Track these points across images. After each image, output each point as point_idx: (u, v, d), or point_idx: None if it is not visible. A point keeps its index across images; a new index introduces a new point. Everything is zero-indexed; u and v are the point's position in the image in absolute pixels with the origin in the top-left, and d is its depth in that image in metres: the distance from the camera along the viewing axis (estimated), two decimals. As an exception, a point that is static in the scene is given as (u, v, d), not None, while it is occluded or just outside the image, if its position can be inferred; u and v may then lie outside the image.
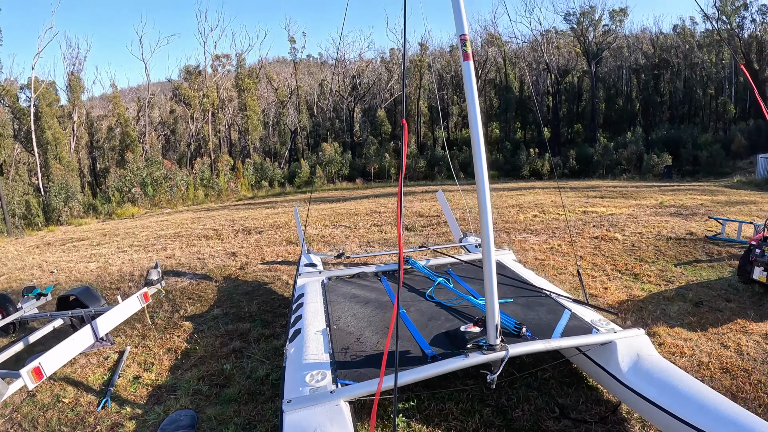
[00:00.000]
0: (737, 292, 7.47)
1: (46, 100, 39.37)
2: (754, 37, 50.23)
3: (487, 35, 56.91)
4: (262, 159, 47.83)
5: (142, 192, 35.51)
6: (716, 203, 17.61)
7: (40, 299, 7.59)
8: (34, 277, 11.73)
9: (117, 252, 14.45)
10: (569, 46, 55.40)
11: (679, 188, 25.38)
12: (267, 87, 57.55)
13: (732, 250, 10.05)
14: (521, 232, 12.97)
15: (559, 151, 45.46)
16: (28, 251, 17.03)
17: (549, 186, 30.75)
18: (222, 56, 51.65)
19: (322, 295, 5.79)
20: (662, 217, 14.44)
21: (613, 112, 54.42)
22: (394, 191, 31.45)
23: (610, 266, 9.24)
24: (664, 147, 39.70)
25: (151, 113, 51.39)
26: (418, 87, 54.15)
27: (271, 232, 15.48)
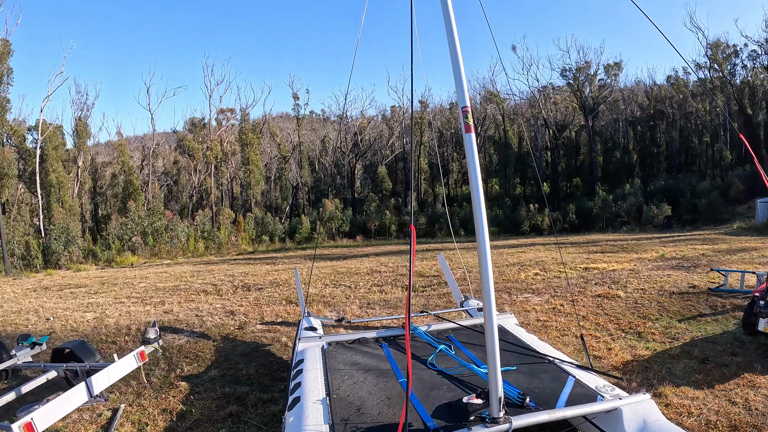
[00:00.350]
0: (743, 345, 7.36)
1: (52, 143, 40.02)
2: (745, 82, 51.45)
3: (486, 92, 58.33)
4: (264, 213, 48.06)
5: (142, 241, 35.52)
6: (718, 252, 17.57)
7: (34, 348, 7.45)
8: (30, 322, 11.59)
9: (114, 303, 14.31)
10: (566, 101, 56.67)
11: (680, 238, 25.36)
12: (270, 142, 58.47)
13: (736, 301, 9.95)
14: (523, 291, 12.86)
15: (559, 205, 45.73)
16: (25, 294, 16.91)
17: (549, 242, 30.67)
18: (227, 110, 52.90)
19: (322, 361, 5.69)
20: (664, 270, 14.36)
21: (611, 165, 55.10)
22: (395, 249, 31.32)
23: (614, 325, 9.11)
24: (663, 197, 40.01)
25: (155, 163, 52.03)
26: (418, 144, 55.01)
27: (270, 290, 15.35)
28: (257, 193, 51.38)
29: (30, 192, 40.62)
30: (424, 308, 10.72)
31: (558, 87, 57.35)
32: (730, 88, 50.47)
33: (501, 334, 6.06)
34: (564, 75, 53.12)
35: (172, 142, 59.35)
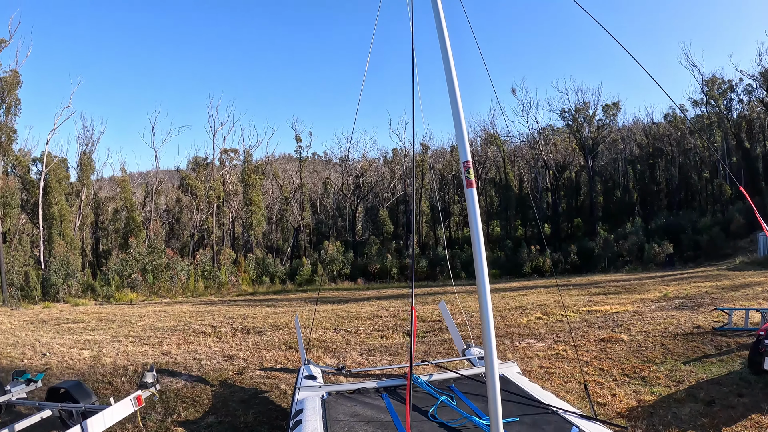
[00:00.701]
0: (749, 385, 7.25)
1: (56, 175, 40.26)
2: (742, 116, 52.03)
3: (486, 135, 59.04)
4: (264, 254, 48.02)
5: (142, 278, 35.38)
6: (721, 289, 17.46)
7: (29, 385, 7.36)
8: (25, 357, 11.45)
9: (112, 341, 14.15)
10: (566, 143, 57.32)
11: (683, 276, 25.21)
12: (272, 183, 58.89)
13: (741, 340, 9.85)
14: (525, 337, 12.73)
15: (560, 246, 45.66)
16: (22, 326, 16.76)
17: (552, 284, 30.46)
18: (230, 150, 53.46)
19: (322, 412, 5.60)
20: (667, 311, 14.24)
21: (611, 204, 55.26)
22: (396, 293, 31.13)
23: (618, 370, 8.98)
24: (664, 235, 39.99)
25: (158, 200, 52.29)
26: (420, 187, 55.30)
27: (270, 334, 15.20)
28: (259, 234, 51.42)
29: (32, 223, 40.77)
30: (425, 357, 10.60)
31: (557, 128, 58.18)
32: (728, 123, 51.11)
33: (503, 384, 5.97)
34: (563, 116, 54.04)
35: (175, 180, 59.78)
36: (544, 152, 54.58)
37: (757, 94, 50.46)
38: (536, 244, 44.63)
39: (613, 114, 54.08)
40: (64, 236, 38.66)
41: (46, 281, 31.55)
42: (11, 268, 30.57)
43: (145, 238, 43.30)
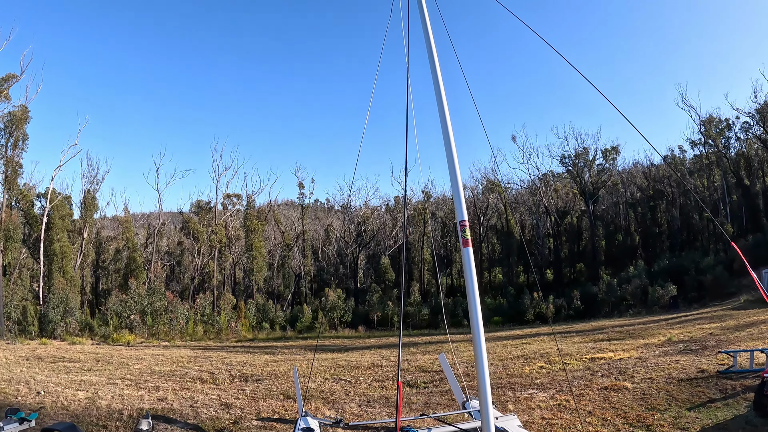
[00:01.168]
0: (755, 429, 7.13)
1: (59, 212, 40.50)
2: (741, 154, 52.36)
3: (488, 183, 59.46)
4: (265, 300, 47.69)
5: (141, 320, 35.10)
6: (726, 330, 17.27)
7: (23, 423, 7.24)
8: (20, 394, 11.27)
9: (108, 383, 13.95)
10: (566, 188, 57.63)
11: (687, 318, 24.95)
12: (274, 229, 59.00)
13: (746, 382, 9.69)
14: (527, 387, 12.54)
15: (563, 292, 45.26)
16: (18, 362, 16.54)
17: (555, 331, 30.19)
18: (233, 195, 53.81)
19: None
20: (672, 356, 14.05)
21: (613, 248, 55.10)
22: (397, 342, 30.86)
23: (621, 420, 8.81)
24: (667, 277, 39.62)
25: (160, 242, 52.25)
26: (421, 235, 55.38)
27: (269, 382, 15.00)
28: (260, 280, 51.20)
29: (33, 258, 40.76)
30: (425, 409, 10.46)
31: (558, 174, 58.73)
32: (726, 161, 51.56)
33: None
34: (563, 162, 54.64)
35: (177, 222, 59.96)
36: (545, 198, 54.87)
37: (754, 131, 51.17)
38: (539, 291, 44.36)
39: (613, 158, 54.73)
40: (65, 273, 38.61)
41: (44, 317, 31.43)
42: (9, 302, 30.53)
43: (146, 280, 43.17)
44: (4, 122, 36.62)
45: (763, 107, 47.90)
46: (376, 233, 61.17)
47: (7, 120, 36.61)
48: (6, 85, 36.61)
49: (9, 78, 37.11)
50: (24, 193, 40.76)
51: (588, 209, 52.12)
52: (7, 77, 37.01)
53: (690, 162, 57.50)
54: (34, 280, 39.20)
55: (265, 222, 53.64)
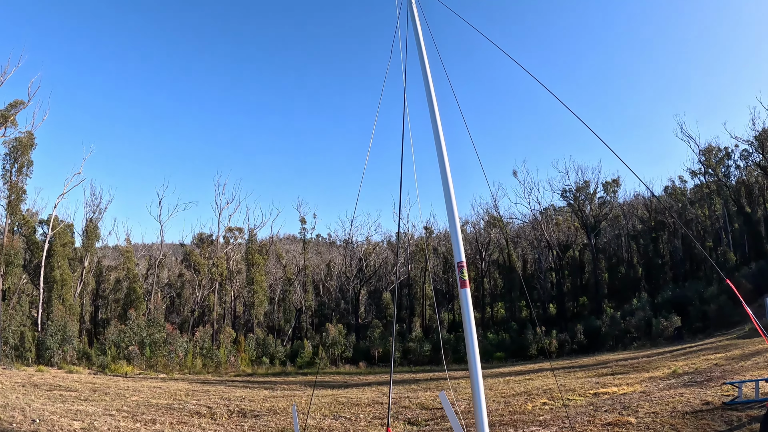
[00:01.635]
0: (762, 460, 6.95)
1: (61, 239, 40.43)
2: (741, 182, 52.41)
3: (489, 217, 59.51)
4: (265, 334, 47.29)
5: (139, 351, 34.79)
6: (731, 360, 17.03)
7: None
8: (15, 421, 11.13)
9: (104, 414, 13.74)
10: (568, 222, 57.65)
11: (692, 349, 24.63)
12: (276, 263, 58.91)
13: (752, 413, 9.55)
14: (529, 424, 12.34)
15: (566, 326, 44.82)
16: (14, 388, 16.33)
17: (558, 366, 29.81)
18: (235, 229, 53.97)
19: None
20: (676, 389, 13.84)
21: (616, 281, 54.71)
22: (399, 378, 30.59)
23: (625, 455, 8.66)
24: (671, 308, 39.29)
25: (160, 273, 52.06)
26: (423, 270, 55.22)
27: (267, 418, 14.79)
28: (260, 314, 50.84)
29: (32, 284, 40.63)
30: None
31: (559, 208, 58.81)
32: (727, 190, 51.68)
33: None
34: (564, 196, 54.71)
35: (178, 254, 59.89)
36: (546, 232, 54.83)
37: (753, 158, 51.42)
38: (542, 325, 43.97)
39: (614, 191, 54.88)
40: (64, 301, 38.43)
41: (41, 344, 31.26)
42: (7, 327, 30.38)
43: (145, 311, 42.89)
44: (10, 147, 37.09)
45: (761, 134, 48.31)
46: (377, 269, 60.99)
47: (12, 145, 37.07)
48: (13, 111, 37.15)
49: (16, 104, 37.71)
50: (26, 218, 40.83)
51: (590, 242, 52.00)
52: (14, 103, 37.60)
53: (691, 192, 57.66)
54: (33, 306, 38.97)
55: (266, 256, 53.60)
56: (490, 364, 38.79)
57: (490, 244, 58.32)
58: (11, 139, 37.25)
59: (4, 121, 35.58)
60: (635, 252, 57.44)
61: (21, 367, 25.44)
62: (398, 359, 44.63)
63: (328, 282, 61.94)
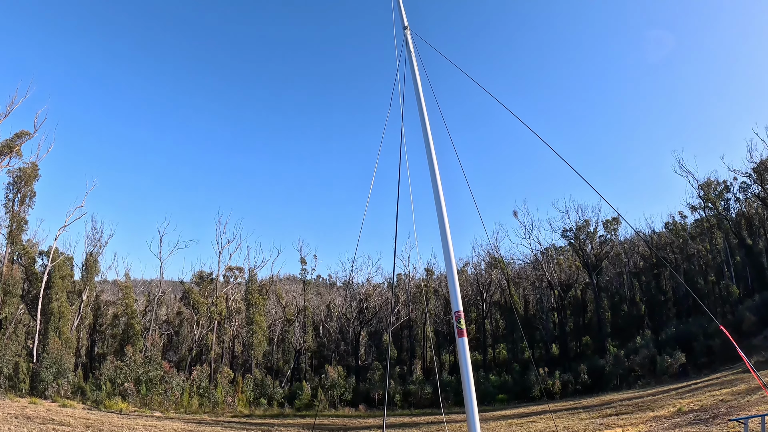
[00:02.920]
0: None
1: (60, 272, 40.27)
2: (741, 214, 52.47)
3: (490, 258, 59.32)
4: (264, 375, 46.54)
5: (135, 389, 34.23)
6: (737, 395, 16.69)
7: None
8: (5, 455, 10.86)
9: (97, 451, 13.43)
10: (569, 261, 57.39)
11: (697, 386, 24.18)
12: (275, 303, 58.47)
13: (759, 452, 9.29)
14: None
15: (570, 366, 44.11)
16: (6, 419, 16.03)
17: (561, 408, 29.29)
18: (235, 268, 53.82)
19: None
20: (682, 428, 13.58)
21: (619, 319, 54.04)
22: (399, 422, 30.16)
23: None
24: (675, 345, 38.73)
25: (159, 310, 51.60)
26: (424, 312, 54.84)
27: (264, 461, 14.48)
28: (259, 354, 50.15)
29: (30, 314, 40.31)
30: None
31: (560, 247, 58.67)
32: (727, 223, 51.74)
33: None
34: (565, 235, 54.76)
35: (177, 292, 59.48)
36: (547, 272, 54.60)
37: (752, 190, 51.66)
38: (545, 366, 43.33)
39: (614, 229, 54.89)
40: (61, 333, 38.05)
41: (36, 375, 30.97)
42: (2, 356, 30.08)
43: (143, 348, 42.31)
44: (14, 177, 37.57)
45: (759, 166, 48.65)
46: (378, 310, 60.47)
47: (16, 175, 37.58)
48: (19, 141, 37.78)
49: (22, 135, 38.37)
50: (27, 249, 40.91)
51: (592, 281, 51.71)
52: (20, 134, 38.28)
53: (691, 227, 57.70)
54: (29, 337, 38.60)
55: (266, 296, 53.27)
56: (492, 407, 38.07)
57: (491, 285, 57.98)
58: (15, 169, 37.92)
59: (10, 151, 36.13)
60: (637, 289, 57.06)
61: (14, 398, 25.06)
62: (398, 402, 43.90)
63: (328, 323, 61.35)
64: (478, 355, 54.47)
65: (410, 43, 10.22)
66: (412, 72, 9.60)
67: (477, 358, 53.21)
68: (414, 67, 9.64)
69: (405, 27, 10.62)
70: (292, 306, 58.82)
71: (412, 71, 9.59)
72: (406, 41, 10.33)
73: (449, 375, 47.70)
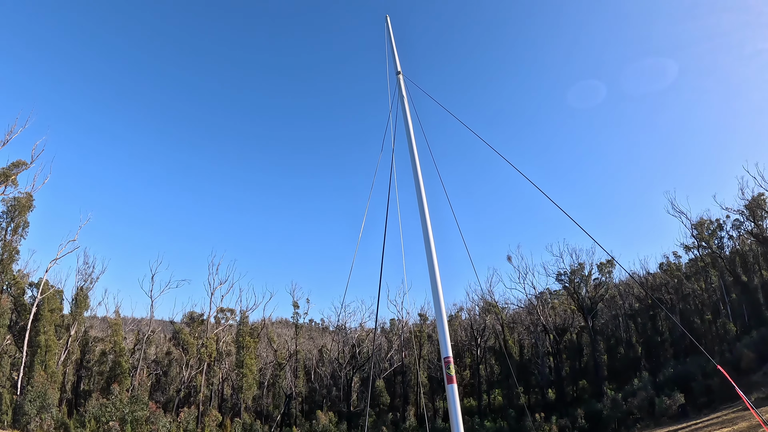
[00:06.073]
0: None
1: (49, 305, 39.59)
2: (735, 251, 52.69)
3: (485, 303, 58.87)
4: (253, 419, 45.29)
5: (120, 428, 33.12)
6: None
7: None
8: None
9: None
10: (564, 305, 57.02)
11: (697, 426, 23.68)
12: (267, 347, 57.44)
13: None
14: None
15: (566, 411, 43.11)
16: None
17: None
18: (227, 310, 53.03)
19: None
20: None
21: (616, 362, 53.49)
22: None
23: None
24: (674, 385, 38.14)
25: (148, 349, 50.45)
26: (417, 357, 54.07)
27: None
28: (248, 398, 48.89)
29: (16, 345, 39.42)
30: None
31: (555, 291, 58.34)
32: (722, 261, 51.80)
33: None
34: (559, 279, 54.58)
35: (167, 331, 58.36)
36: (542, 316, 54.16)
37: (745, 227, 52.13)
38: (541, 411, 42.40)
39: (609, 271, 54.82)
40: (47, 367, 37.17)
41: (19, 408, 30.18)
42: None
43: (130, 387, 41.15)
44: (8, 206, 37.52)
45: (751, 202, 49.33)
46: (371, 355, 59.47)
47: (10, 204, 37.53)
48: (15, 170, 37.92)
49: (19, 164, 38.53)
50: (17, 279, 40.41)
51: (587, 324, 51.25)
52: (17, 163, 38.43)
53: (686, 266, 57.80)
54: (14, 369, 37.57)
55: (257, 339, 52.40)
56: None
57: (485, 330, 57.38)
58: (10, 198, 37.97)
59: (6, 180, 36.21)
60: (633, 331, 56.64)
61: (-5, 430, 24.20)
62: (393, 450, 42.83)
63: (320, 368, 60.18)
64: (473, 401, 53.34)
65: (403, 88, 10.39)
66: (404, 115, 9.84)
67: (472, 404, 52.12)
68: (406, 111, 9.89)
69: (398, 72, 10.78)
70: (283, 350, 57.82)
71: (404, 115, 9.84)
72: (399, 86, 10.50)
73: (443, 422, 46.57)
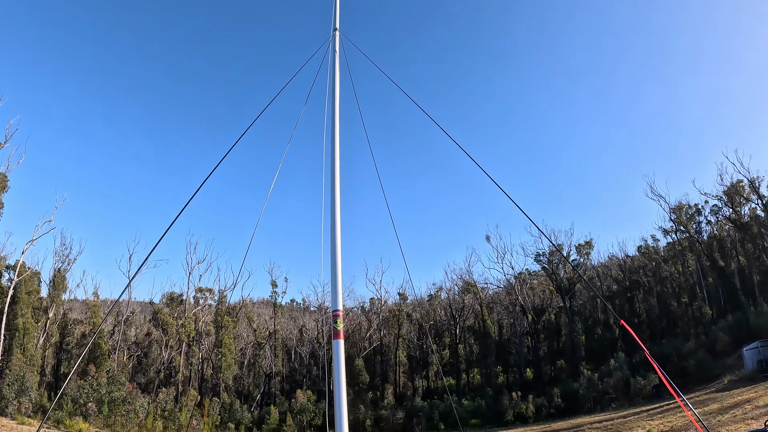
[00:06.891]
0: None
1: (26, 287, 38.87)
2: (713, 237, 53.71)
3: (464, 284, 59.25)
4: (232, 399, 45.26)
5: (97, 409, 32.83)
6: (708, 415, 16.65)
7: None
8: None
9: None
10: (543, 285, 57.61)
11: (669, 407, 24.14)
12: (246, 327, 57.31)
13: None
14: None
15: (543, 390, 43.87)
16: None
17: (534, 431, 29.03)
18: (205, 289, 52.67)
19: None
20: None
21: (593, 343, 54.30)
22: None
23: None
24: (649, 367, 38.87)
25: (127, 330, 50.00)
26: (397, 336, 54.45)
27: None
28: (228, 378, 48.79)
29: None
30: None
31: (534, 272, 58.80)
32: (699, 246, 52.57)
33: None
34: (538, 260, 54.97)
35: (147, 312, 57.90)
36: (521, 297, 54.72)
37: (723, 212, 52.90)
38: (518, 390, 43.06)
39: (587, 253, 55.49)
40: (25, 350, 36.75)
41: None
42: None
43: (108, 368, 40.76)
44: None
45: (729, 189, 49.91)
46: (350, 335, 59.67)
47: None
48: None
49: None
50: None
51: (565, 305, 51.89)
52: None
53: (664, 250, 58.66)
54: None
55: (236, 319, 52.17)
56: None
57: (464, 310, 57.87)
58: (-17, 179, 36.69)
59: (-22, 160, 35.13)
60: (611, 313, 57.59)
61: (-30, 413, 23.85)
62: (369, 427, 43.43)
63: (300, 347, 60.35)
64: (452, 379, 54.02)
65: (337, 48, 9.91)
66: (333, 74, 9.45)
67: (450, 382, 52.78)
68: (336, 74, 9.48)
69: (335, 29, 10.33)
70: (263, 329, 57.73)
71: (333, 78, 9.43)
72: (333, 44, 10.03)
73: (422, 400, 47.12)
